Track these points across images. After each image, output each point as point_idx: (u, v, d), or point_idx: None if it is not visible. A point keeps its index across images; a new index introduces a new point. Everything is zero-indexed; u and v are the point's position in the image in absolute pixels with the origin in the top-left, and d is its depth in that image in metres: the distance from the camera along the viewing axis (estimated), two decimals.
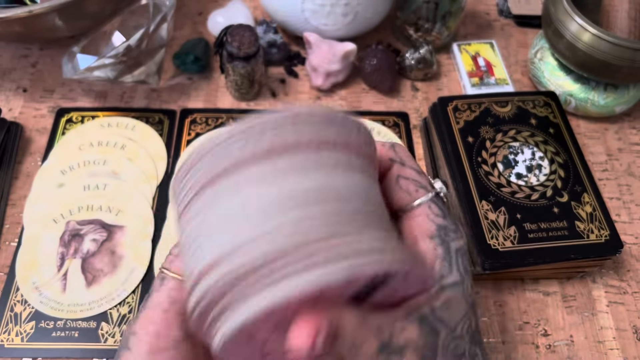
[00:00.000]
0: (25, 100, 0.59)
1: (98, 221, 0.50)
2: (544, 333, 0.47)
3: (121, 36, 0.59)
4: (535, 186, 0.48)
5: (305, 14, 0.58)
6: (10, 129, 0.55)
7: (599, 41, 0.51)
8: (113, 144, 0.55)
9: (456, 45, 0.65)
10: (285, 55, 0.64)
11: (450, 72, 0.65)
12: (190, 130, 0.57)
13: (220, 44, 0.60)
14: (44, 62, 0.63)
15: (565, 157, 0.50)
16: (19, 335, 0.44)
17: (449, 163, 0.50)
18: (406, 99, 0.62)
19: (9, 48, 0.64)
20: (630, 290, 0.49)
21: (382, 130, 0.58)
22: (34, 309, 0.46)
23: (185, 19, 0.69)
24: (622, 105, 0.58)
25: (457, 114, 0.53)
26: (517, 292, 0.49)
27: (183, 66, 0.61)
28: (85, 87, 0.61)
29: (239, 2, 0.67)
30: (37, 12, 0.49)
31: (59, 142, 0.55)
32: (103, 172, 0.53)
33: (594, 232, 0.45)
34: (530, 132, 0.52)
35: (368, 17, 0.59)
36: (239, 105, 0.60)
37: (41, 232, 0.49)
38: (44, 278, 0.47)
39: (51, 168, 0.53)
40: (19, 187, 0.53)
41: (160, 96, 0.61)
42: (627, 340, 0.46)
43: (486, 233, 0.45)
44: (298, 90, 0.62)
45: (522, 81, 0.64)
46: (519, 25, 0.70)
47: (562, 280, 0.49)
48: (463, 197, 0.47)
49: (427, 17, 0.62)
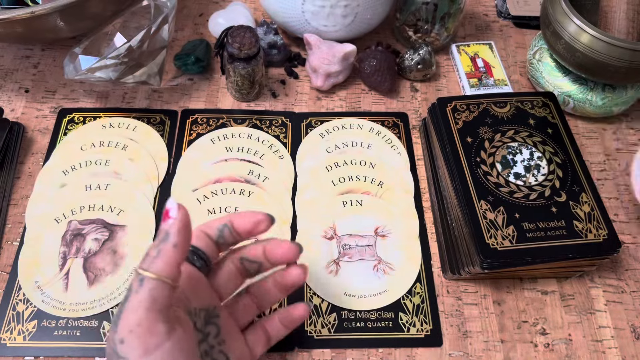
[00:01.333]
0: (27, 101, 0.60)
1: (100, 221, 0.50)
2: (543, 332, 0.47)
3: (122, 37, 0.59)
4: (533, 186, 0.48)
5: (305, 15, 0.58)
6: (13, 129, 0.56)
7: (597, 42, 0.51)
8: (114, 145, 0.56)
9: (455, 46, 0.65)
10: (286, 56, 0.64)
11: (449, 73, 0.65)
12: (191, 130, 0.58)
13: (221, 45, 0.60)
14: (46, 63, 0.63)
15: (564, 157, 0.50)
16: (21, 334, 0.45)
17: (448, 163, 0.50)
18: (405, 100, 0.62)
19: (11, 49, 0.64)
20: (629, 289, 0.49)
21: (382, 130, 0.58)
22: (36, 307, 0.46)
23: (186, 20, 0.69)
24: (620, 106, 0.58)
25: (456, 114, 0.53)
26: (515, 291, 0.49)
27: (184, 67, 0.62)
28: (87, 87, 0.61)
29: (239, 3, 0.67)
30: (39, 13, 0.49)
31: (60, 143, 0.56)
32: (105, 172, 0.54)
33: (592, 232, 0.45)
34: (529, 132, 0.52)
35: (367, 18, 0.60)
36: (240, 106, 0.61)
37: (43, 231, 0.49)
38: (46, 277, 0.47)
39: (53, 168, 0.54)
40: (21, 187, 0.53)
41: (162, 97, 0.61)
42: (625, 339, 0.47)
43: (485, 232, 0.45)
44: (298, 91, 0.62)
45: (521, 82, 0.65)
46: (518, 26, 0.71)
47: (561, 280, 0.50)
48: (462, 197, 0.47)
49: (426, 18, 0.62)
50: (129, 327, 0.30)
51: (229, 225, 0.37)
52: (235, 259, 0.39)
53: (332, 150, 0.57)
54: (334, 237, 0.51)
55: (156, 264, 0.31)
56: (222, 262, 0.39)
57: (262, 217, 0.37)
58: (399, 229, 0.51)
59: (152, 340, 0.30)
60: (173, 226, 0.31)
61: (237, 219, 0.37)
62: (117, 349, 0.30)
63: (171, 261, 0.31)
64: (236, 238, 0.37)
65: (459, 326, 0.47)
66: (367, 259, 0.49)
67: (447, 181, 0.50)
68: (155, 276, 0.30)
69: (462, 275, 0.47)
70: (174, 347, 0.30)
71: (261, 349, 0.39)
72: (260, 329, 0.40)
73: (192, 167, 0.55)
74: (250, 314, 0.40)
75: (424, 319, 0.47)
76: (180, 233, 0.31)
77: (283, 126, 0.59)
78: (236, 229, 0.37)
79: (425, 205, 0.54)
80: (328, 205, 0.52)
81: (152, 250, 0.32)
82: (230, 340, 0.37)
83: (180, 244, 0.31)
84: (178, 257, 0.31)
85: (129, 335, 0.29)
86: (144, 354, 0.29)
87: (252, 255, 0.38)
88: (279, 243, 0.38)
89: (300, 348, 0.45)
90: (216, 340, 0.36)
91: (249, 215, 0.37)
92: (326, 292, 0.48)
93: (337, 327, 0.46)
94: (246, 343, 0.39)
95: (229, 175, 0.54)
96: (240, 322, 0.39)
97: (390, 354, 0.45)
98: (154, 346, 0.30)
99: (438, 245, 0.51)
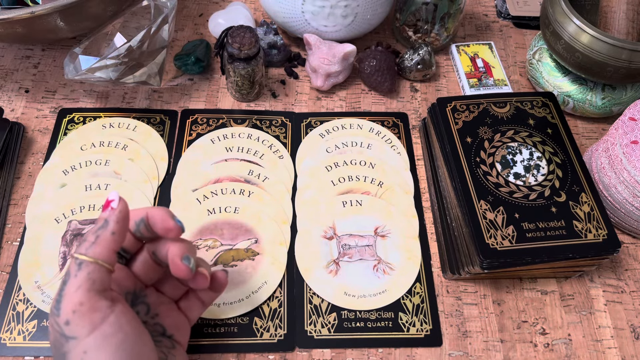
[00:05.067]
0: (27, 101, 0.60)
1: None
2: (542, 332, 0.47)
3: (122, 37, 0.59)
4: (533, 186, 0.48)
5: (305, 15, 0.58)
6: (13, 129, 0.56)
7: (597, 42, 0.52)
8: (115, 145, 0.56)
9: (455, 47, 0.65)
10: (286, 57, 0.64)
11: (449, 73, 0.65)
12: (191, 130, 0.58)
13: (221, 45, 0.60)
14: (46, 63, 0.63)
15: (563, 157, 0.50)
16: (21, 334, 0.45)
17: (448, 163, 0.50)
18: (405, 100, 0.62)
19: (11, 49, 0.65)
20: (628, 289, 0.49)
21: (382, 130, 0.58)
22: (36, 307, 0.46)
23: (186, 20, 0.69)
24: (619, 106, 0.58)
25: (456, 114, 0.53)
26: (515, 291, 0.49)
27: (184, 67, 0.62)
28: (87, 87, 0.61)
29: (239, 3, 0.67)
30: (39, 14, 0.49)
31: (60, 143, 0.56)
32: (105, 172, 0.54)
33: (591, 232, 0.46)
34: (529, 132, 0.52)
35: (367, 18, 0.60)
36: (240, 106, 0.61)
37: (43, 231, 0.49)
38: (46, 277, 0.47)
39: (53, 168, 0.54)
40: (21, 187, 0.53)
41: (162, 97, 0.61)
42: (624, 339, 0.47)
43: (484, 232, 0.45)
44: (298, 91, 0.62)
45: (521, 82, 0.65)
46: (517, 26, 0.71)
47: (560, 280, 0.50)
48: (462, 197, 0.47)
49: (426, 18, 0.62)
50: (72, 307, 0.31)
51: (145, 221, 0.36)
52: (150, 251, 0.38)
53: (332, 150, 0.57)
54: (333, 237, 0.51)
55: (94, 249, 0.33)
56: (140, 252, 0.39)
57: (172, 225, 0.36)
58: (399, 229, 0.51)
59: (96, 315, 0.32)
60: (113, 215, 0.34)
61: (151, 217, 0.36)
62: (64, 331, 0.31)
63: (108, 246, 0.33)
64: (153, 234, 0.37)
65: (458, 326, 0.47)
66: (367, 259, 0.49)
67: (447, 181, 0.50)
68: (92, 260, 0.32)
69: (462, 275, 0.47)
70: (118, 318, 0.32)
71: (197, 312, 0.41)
72: (194, 296, 0.41)
73: (192, 167, 0.55)
74: (180, 290, 0.41)
75: (424, 318, 0.47)
76: (119, 223, 0.34)
77: (283, 126, 0.59)
78: (151, 226, 0.37)
79: (425, 205, 0.54)
80: (328, 205, 0.52)
81: (89, 236, 0.33)
82: (164, 311, 0.39)
83: (117, 232, 0.34)
84: (115, 244, 0.34)
85: (73, 316, 0.31)
86: (92, 329, 0.31)
87: (160, 254, 0.38)
88: (162, 218, 0.36)
89: (300, 348, 0.45)
90: (148, 315, 0.38)
91: (162, 218, 0.36)
92: (326, 292, 0.48)
93: (337, 327, 0.46)
94: (180, 310, 0.40)
95: (229, 175, 0.54)
96: (173, 296, 0.41)
97: (390, 354, 0.45)
98: (100, 320, 0.32)
99: (438, 245, 0.51)
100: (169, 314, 0.39)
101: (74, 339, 0.31)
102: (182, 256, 0.36)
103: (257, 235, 0.50)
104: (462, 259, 0.47)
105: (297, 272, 0.49)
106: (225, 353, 0.45)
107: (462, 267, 0.47)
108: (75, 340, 0.31)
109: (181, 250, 0.36)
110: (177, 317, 0.40)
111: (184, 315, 0.40)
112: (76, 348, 0.31)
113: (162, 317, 0.39)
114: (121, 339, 0.32)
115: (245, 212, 0.51)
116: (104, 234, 0.33)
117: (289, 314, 0.47)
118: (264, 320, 0.46)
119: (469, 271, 0.46)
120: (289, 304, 0.47)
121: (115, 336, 0.32)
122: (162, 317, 0.39)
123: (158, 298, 0.39)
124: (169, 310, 0.39)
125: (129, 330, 0.33)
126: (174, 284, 0.41)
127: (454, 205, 0.49)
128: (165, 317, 0.39)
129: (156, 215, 0.36)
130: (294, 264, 0.49)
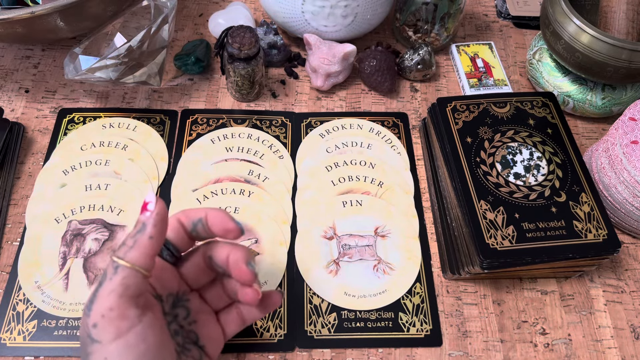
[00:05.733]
0: (27, 101, 0.60)
1: (100, 221, 0.50)
2: (542, 332, 0.47)
3: (122, 37, 0.59)
4: (533, 186, 0.48)
5: (305, 15, 0.58)
6: (13, 129, 0.56)
7: (597, 42, 0.52)
8: (115, 145, 0.56)
9: (455, 47, 0.65)
10: (286, 57, 0.64)
11: (449, 73, 0.65)
12: (191, 130, 0.58)
13: (221, 45, 0.60)
14: (46, 63, 0.63)
15: (563, 157, 0.50)
16: (21, 334, 0.45)
17: (448, 163, 0.50)
18: (405, 100, 0.62)
19: (11, 49, 0.65)
20: (628, 289, 0.49)
21: (382, 130, 0.58)
22: (36, 307, 0.46)
23: (186, 20, 0.69)
24: (619, 106, 0.58)
25: (456, 114, 0.53)
26: (515, 291, 0.49)
27: (184, 67, 0.62)
28: (87, 87, 0.61)
29: (239, 3, 0.67)
30: (39, 14, 0.49)
31: (61, 143, 0.56)
32: (105, 172, 0.54)
33: (591, 232, 0.46)
34: (529, 132, 0.52)
35: (367, 18, 0.60)
36: (240, 106, 0.61)
37: (43, 231, 0.49)
38: (46, 277, 0.47)
39: (53, 168, 0.54)
40: (21, 187, 0.53)
41: (162, 97, 0.61)
42: (624, 339, 0.47)
43: (484, 232, 0.45)
44: (298, 91, 0.62)
45: (521, 82, 0.65)
46: (517, 26, 0.71)
47: (560, 280, 0.50)
48: (462, 197, 0.47)
49: (426, 18, 0.62)
50: (102, 312, 0.31)
51: (203, 221, 0.36)
52: (205, 255, 0.38)
53: (332, 150, 0.57)
54: (333, 237, 0.51)
55: (131, 254, 0.32)
56: (192, 254, 0.38)
57: (232, 227, 0.36)
58: (399, 229, 0.51)
59: (123, 323, 0.31)
60: (150, 219, 0.33)
61: (211, 218, 0.36)
62: (91, 333, 0.31)
63: (146, 252, 0.32)
64: (210, 234, 0.37)
65: (458, 326, 0.47)
66: (367, 259, 0.49)
67: (447, 181, 0.50)
68: (129, 265, 0.32)
69: (462, 275, 0.47)
70: (145, 329, 0.32)
71: (234, 328, 0.40)
72: (235, 310, 0.40)
73: (192, 167, 0.55)
74: (224, 301, 0.40)
75: (424, 318, 0.47)
76: (157, 226, 0.33)
77: (283, 126, 0.59)
78: (209, 227, 0.37)
79: (425, 205, 0.54)
80: (328, 205, 0.52)
81: (128, 240, 0.33)
82: (202, 319, 0.38)
83: (156, 236, 0.33)
84: (153, 249, 0.33)
85: (101, 320, 0.31)
86: (116, 336, 0.31)
87: (219, 258, 0.37)
88: (222, 219, 0.36)
89: (300, 348, 0.45)
90: (186, 320, 0.37)
91: (221, 219, 0.36)
92: (326, 292, 0.48)
93: (337, 327, 0.46)
94: (219, 323, 0.40)
95: (229, 175, 0.54)
96: (214, 306, 0.40)
97: (390, 354, 0.45)
98: (126, 329, 0.31)
99: (438, 245, 0.51)
100: (207, 324, 0.38)
101: (98, 342, 0.31)
102: (246, 261, 0.36)
103: (257, 235, 0.50)
104: (462, 259, 0.47)
105: (297, 272, 0.49)
106: (225, 353, 0.45)
107: (462, 267, 0.47)
108: (99, 344, 0.31)
109: (245, 255, 0.36)
110: (214, 328, 0.39)
111: (220, 329, 0.39)
112: (99, 352, 0.31)
113: (199, 325, 0.38)
114: (143, 351, 0.31)
115: (246, 212, 0.51)
116: (142, 238, 0.32)
117: (289, 314, 0.47)
118: (265, 320, 0.46)
119: (469, 271, 0.46)
120: (289, 304, 0.47)
121: (137, 347, 0.31)
122: (199, 325, 0.38)
123: (200, 305, 0.39)
124: (207, 320, 0.39)
125: (152, 342, 0.32)
126: (219, 293, 0.40)
127: (454, 205, 0.49)
128: (202, 326, 0.38)
129: (216, 216, 0.36)
130: (294, 264, 0.49)
